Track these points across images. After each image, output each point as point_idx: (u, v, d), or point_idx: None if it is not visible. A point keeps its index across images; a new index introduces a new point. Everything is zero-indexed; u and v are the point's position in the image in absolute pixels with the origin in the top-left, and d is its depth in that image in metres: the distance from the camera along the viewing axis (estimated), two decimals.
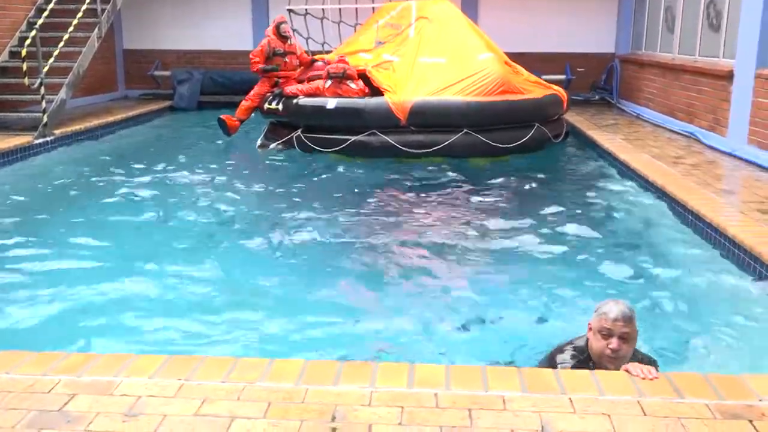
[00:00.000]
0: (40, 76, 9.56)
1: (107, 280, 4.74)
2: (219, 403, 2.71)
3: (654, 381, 2.87)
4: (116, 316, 4.22)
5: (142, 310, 4.31)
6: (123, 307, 4.33)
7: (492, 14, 14.52)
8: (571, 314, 4.24)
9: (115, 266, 5.05)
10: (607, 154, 9.03)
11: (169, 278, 4.82)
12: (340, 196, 7.37)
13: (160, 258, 5.25)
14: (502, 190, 7.64)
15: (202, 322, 4.14)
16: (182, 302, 4.45)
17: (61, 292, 4.54)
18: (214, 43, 15.15)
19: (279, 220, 6.44)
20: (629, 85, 13.39)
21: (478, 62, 9.37)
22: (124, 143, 10.56)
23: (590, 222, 6.37)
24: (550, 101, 9.63)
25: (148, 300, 4.46)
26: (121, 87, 15.26)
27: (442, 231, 6.13)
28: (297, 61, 10.21)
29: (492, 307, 4.42)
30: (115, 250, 5.47)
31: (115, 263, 5.11)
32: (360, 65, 9.58)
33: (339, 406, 2.70)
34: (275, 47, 10.06)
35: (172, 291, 4.62)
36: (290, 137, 9.41)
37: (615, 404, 2.72)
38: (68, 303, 4.38)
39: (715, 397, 2.78)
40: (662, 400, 2.75)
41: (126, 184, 7.74)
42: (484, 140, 8.82)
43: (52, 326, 4.08)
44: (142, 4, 14.75)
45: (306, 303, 4.49)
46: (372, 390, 2.81)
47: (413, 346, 3.91)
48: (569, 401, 2.74)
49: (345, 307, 4.44)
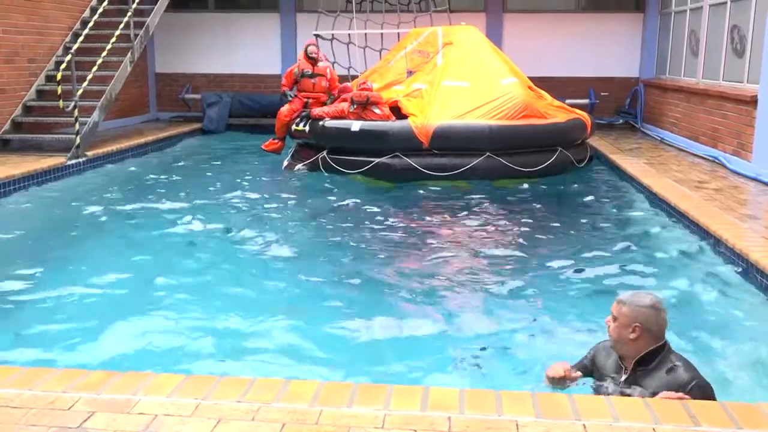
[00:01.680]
0: (74, 99, 9.77)
1: (130, 299, 4.80)
2: (234, 423, 2.72)
3: (671, 408, 2.82)
4: (136, 334, 4.25)
5: (162, 329, 4.34)
6: (143, 326, 4.37)
7: (516, 39, 14.55)
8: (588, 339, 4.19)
9: (138, 286, 5.11)
10: (630, 178, 8.96)
11: (189, 298, 4.85)
12: (361, 217, 7.39)
13: (182, 278, 5.31)
14: (524, 213, 7.60)
15: (220, 342, 4.16)
16: (201, 321, 4.48)
17: (86, 310, 4.61)
18: (242, 67, 15.38)
19: (301, 240, 6.47)
20: (653, 110, 13.30)
21: (501, 87, 9.39)
22: (154, 164, 10.71)
23: (611, 246, 6.30)
24: (573, 126, 9.60)
25: (167, 319, 4.49)
26: (153, 110, 15.53)
27: (461, 253, 6.12)
28: (326, 83, 10.30)
29: (507, 333, 4.39)
30: (139, 269, 5.52)
31: (138, 283, 5.17)
32: (393, 97, 9.68)
33: (353, 428, 2.69)
34: (304, 69, 10.18)
35: (192, 311, 4.66)
36: (315, 158, 9.49)
37: (629, 431, 2.68)
38: (91, 321, 4.43)
39: (732, 425, 2.72)
40: (677, 427, 2.71)
41: (153, 205, 7.84)
42: (506, 164, 8.82)
43: (74, 344, 4.12)
44: (174, 30, 15.04)
45: (324, 323, 4.49)
46: (386, 413, 2.80)
47: (431, 368, 3.89)
48: (583, 427, 2.70)
49: (362, 328, 4.43)
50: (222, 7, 15.58)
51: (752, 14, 9.34)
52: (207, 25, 15.29)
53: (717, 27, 10.62)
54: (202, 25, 15.29)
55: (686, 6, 12.15)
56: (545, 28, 14.62)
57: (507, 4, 14.82)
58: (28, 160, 9.06)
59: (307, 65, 10.21)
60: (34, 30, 10.74)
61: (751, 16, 9.38)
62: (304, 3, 15.24)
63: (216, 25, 15.28)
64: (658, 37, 13.95)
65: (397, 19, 12.43)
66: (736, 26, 9.93)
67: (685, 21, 12.14)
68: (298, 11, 15.16)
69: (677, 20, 12.74)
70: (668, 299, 4.90)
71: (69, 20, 11.65)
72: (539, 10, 14.80)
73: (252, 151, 12.24)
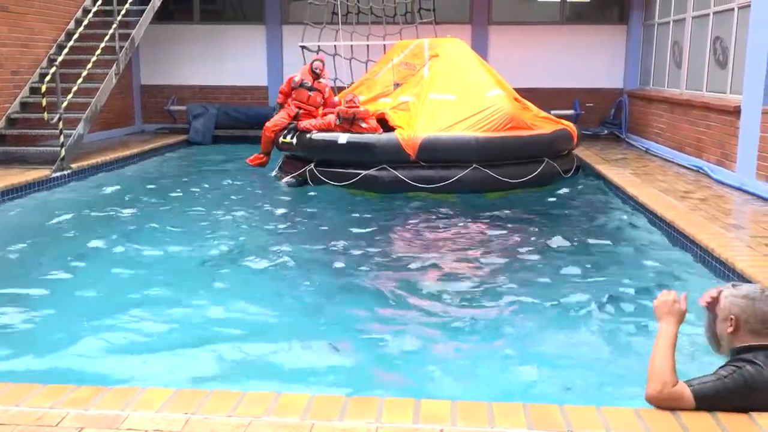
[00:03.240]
0: (59, 111, 9.71)
1: (115, 313, 4.75)
2: None
3: (662, 418, 2.82)
4: (124, 349, 4.21)
5: (149, 343, 4.31)
6: (130, 341, 4.33)
7: (502, 51, 14.67)
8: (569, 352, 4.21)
9: (124, 299, 5.07)
10: (616, 189, 9.02)
11: (177, 311, 4.82)
12: (348, 229, 7.38)
13: (168, 290, 5.27)
14: (510, 225, 7.62)
15: (209, 355, 4.13)
16: (189, 335, 4.44)
17: (70, 325, 4.56)
18: (228, 78, 15.39)
19: (288, 252, 6.43)
20: (638, 120, 13.42)
21: (487, 99, 9.44)
22: (139, 176, 10.65)
23: (597, 256, 6.34)
24: (560, 136, 9.66)
25: (155, 333, 4.46)
26: (138, 121, 15.47)
27: (449, 263, 6.12)
28: (321, 99, 10.28)
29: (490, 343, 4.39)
30: (124, 283, 5.48)
31: (123, 296, 5.13)
32: (379, 109, 9.70)
33: None
34: (304, 79, 10.19)
35: (180, 323, 4.63)
36: (303, 171, 9.49)
37: None
38: (77, 336, 4.38)
39: None
40: None
41: (138, 216, 7.80)
42: (493, 175, 8.85)
43: (59, 360, 4.08)
44: (160, 42, 15.02)
45: (314, 335, 4.47)
46: (378, 425, 2.79)
47: (422, 380, 3.88)
48: None
49: (352, 340, 4.42)
50: (208, 19, 15.60)
51: (734, 26, 9.47)
52: (193, 37, 15.30)
53: (700, 38, 10.76)
54: (188, 37, 15.29)
55: (669, 18, 12.30)
56: (530, 39, 14.75)
57: (492, 16, 14.95)
58: (12, 173, 8.99)
59: (308, 77, 10.21)
60: (18, 42, 10.68)
61: (733, 28, 9.51)
62: (289, 15, 15.30)
63: (202, 37, 15.29)
64: (642, 48, 14.11)
65: (383, 31, 12.48)
66: (719, 38, 10.06)
67: (669, 33, 12.29)
68: (283, 23, 15.21)
69: (660, 32, 12.88)
70: None
71: (53, 32, 11.61)
72: (524, 22, 14.94)
73: (238, 162, 12.18)
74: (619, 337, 4.47)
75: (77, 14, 12.18)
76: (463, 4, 15.03)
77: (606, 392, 3.74)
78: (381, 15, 12.96)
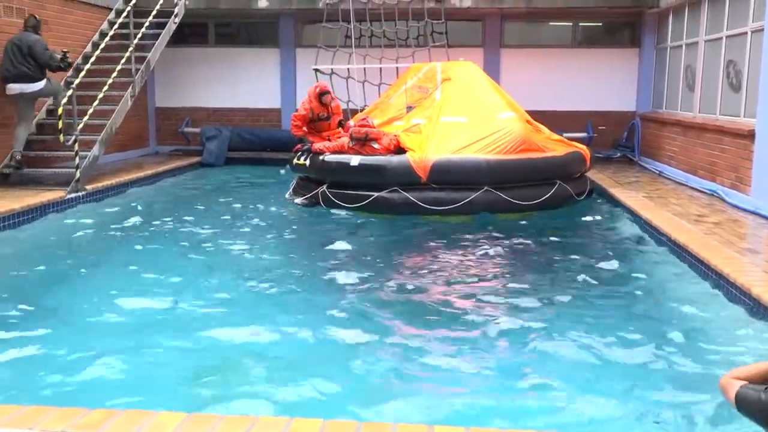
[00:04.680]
0: (75, 133, 9.82)
1: (127, 335, 4.77)
2: None
3: None
4: (136, 372, 4.22)
5: (162, 366, 4.31)
6: (143, 363, 4.34)
7: (513, 74, 14.71)
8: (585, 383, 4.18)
9: (136, 322, 5.09)
10: (628, 212, 8.99)
11: (189, 335, 4.83)
12: (358, 251, 7.39)
13: (180, 313, 5.29)
14: (521, 247, 7.61)
15: (222, 379, 4.13)
16: (202, 358, 4.45)
17: (82, 347, 4.56)
18: (242, 101, 15.51)
19: (297, 275, 6.46)
20: (650, 143, 13.39)
21: (499, 121, 9.46)
22: (154, 198, 10.71)
23: (610, 280, 6.30)
24: (572, 159, 9.66)
25: (168, 356, 4.46)
26: (153, 143, 15.60)
27: (461, 286, 6.11)
28: (336, 117, 10.48)
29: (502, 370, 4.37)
30: (139, 304, 5.49)
31: (135, 319, 5.16)
32: (392, 132, 9.76)
33: None
34: (319, 113, 10.28)
35: (192, 347, 4.63)
36: (315, 192, 9.53)
37: None
38: (90, 359, 4.39)
39: None
40: None
41: (154, 238, 7.84)
42: (505, 198, 8.85)
43: (72, 382, 4.08)
44: (174, 65, 15.19)
45: (326, 359, 4.47)
46: None
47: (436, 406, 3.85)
48: None
49: (365, 364, 4.41)
50: (222, 42, 15.76)
51: (747, 50, 9.47)
52: (207, 60, 15.45)
53: (713, 62, 10.75)
54: (203, 59, 15.45)
55: (682, 41, 12.30)
56: (542, 62, 14.79)
57: (504, 40, 15.02)
58: (28, 194, 9.07)
59: (322, 110, 10.30)
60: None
61: (746, 51, 9.50)
62: (303, 38, 15.43)
63: (216, 60, 15.44)
64: (654, 71, 14.11)
65: (395, 53, 12.57)
66: (732, 61, 10.05)
67: (681, 56, 12.29)
68: (297, 46, 15.34)
69: (673, 55, 12.89)
70: (671, 335, 4.89)
71: (71, 55, 11.75)
72: (536, 45, 15.00)
73: (252, 184, 12.29)
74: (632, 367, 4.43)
75: (94, 37, 12.35)
76: (475, 28, 15.12)
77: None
78: (394, 38, 13.06)
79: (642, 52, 14.44)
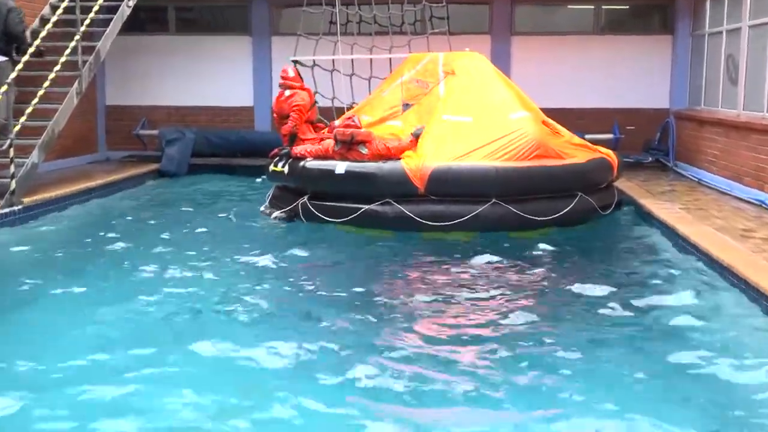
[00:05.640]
0: (10, 136, 9.74)
1: (82, 374, 4.78)
2: None
3: None
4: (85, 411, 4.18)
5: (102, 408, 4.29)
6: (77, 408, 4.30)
7: (526, 66, 14.76)
8: None
9: (74, 360, 5.08)
10: (663, 227, 8.98)
11: (140, 374, 4.81)
12: (346, 276, 7.36)
13: (136, 347, 5.27)
14: (536, 274, 7.54)
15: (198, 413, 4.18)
16: (160, 395, 4.43)
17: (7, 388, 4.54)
18: (208, 98, 15.50)
19: (274, 303, 6.43)
20: (688, 146, 13.42)
21: (511, 122, 9.45)
22: (102, 213, 10.65)
23: (641, 309, 6.25)
24: (597, 166, 9.66)
25: (111, 399, 4.44)
26: (102, 148, 15.56)
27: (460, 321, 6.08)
28: None
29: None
30: (78, 339, 5.48)
31: (74, 356, 5.13)
32: (387, 134, 9.76)
33: None
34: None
35: (160, 383, 4.67)
36: (295, 205, 9.51)
37: None
38: None
39: None
40: None
41: (100, 262, 7.77)
42: (516, 212, 8.82)
43: None
44: (129, 56, 15.17)
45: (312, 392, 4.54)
46: None
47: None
48: None
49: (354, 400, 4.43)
50: (185, 29, 15.77)
51: None
52: (167, 50, 15.45)
53: (759, 51, 10.78)
54: (162, 49, 15.45)
55: (722, 27, 12.36)
56: (560, 52, 14.83)
57: (515, 26, 15.07)
58: None
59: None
60: None
61: None
62: (280, 25, 15.46)
63: (178, 50, 15.44)
64: (691, 62, 14.17)
65: (388, 42, 12.55)
66: None
67: (721, 44, 12.33)
68: (273, 34, 15.37)
69: (712, 43, 12.94)
70: (720, 373, 4.89)
71: None
72: (552, 32, 15.04)
73: (220, 196, 12.24)
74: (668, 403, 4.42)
75: (34, 24, 12.29)
76: (481, 13, 15.18)
77: None
78: (386, 24, 13.05)
79: (676, 39, 14.51)
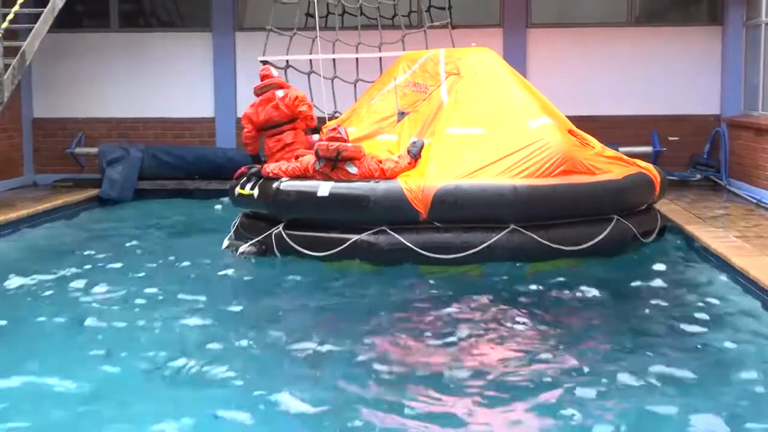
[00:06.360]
0: None
1: None
2: None
3: None
4: None
5: None
6: None
7: (546, 65, 14.82)
8: None
9: None
10: (715, 258, 9.03)
11: None
12: (331, 324, 7.43)
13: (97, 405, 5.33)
14: (563, 315, 7.58)
15: None
16: None
17: None
18: (159, 108, 15.49)
19: (249, 355, 6.47)
20: (743, 160, 13.48)
21: (530, 131, 9.50)
22: (28, 249, 10.63)
23: (691, 361, 6.25)
24: (636, 184, 9.72)
25: None
26: (29, 170, 15.53)
27: (472, 375, 6.08)
28: None
29: None
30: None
31: None
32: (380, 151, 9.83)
33: None
34: None
35: None
36: (267, 235, 9.50)
37: None
38: None
39: None
40: None
41: (21, 311, 7.76)
42: (539, 240, 8.86)
43: None
44: (61, 58, 15.18)
45: None
46: None
47: None
48: None
49: None
50: (130, 24, 15.79)
51: None
52: (108, 50, 15.47)
53: None
54: (102, 50, 15.47)
55: None
56: (585, 47, 14.92)
57: (532, 16, 15.14)
58: None
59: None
60: None
61: None
62: (246, 18, 15.52)
63: (121, 50, 15.47)
64: (745, 58, 14.25)
65: (377, 38, 12.64)
66: None
67: None
68: (237, 29, 15.41)
69: None
70: None
71: None
72: (576, 24, 15.12)
73: (174, 228, 12.20)
74: None
75: None
76: (490, 1, 15.27)
77: None
78: (375, 17, 13.12)
79: (726, 31, 14.61)
